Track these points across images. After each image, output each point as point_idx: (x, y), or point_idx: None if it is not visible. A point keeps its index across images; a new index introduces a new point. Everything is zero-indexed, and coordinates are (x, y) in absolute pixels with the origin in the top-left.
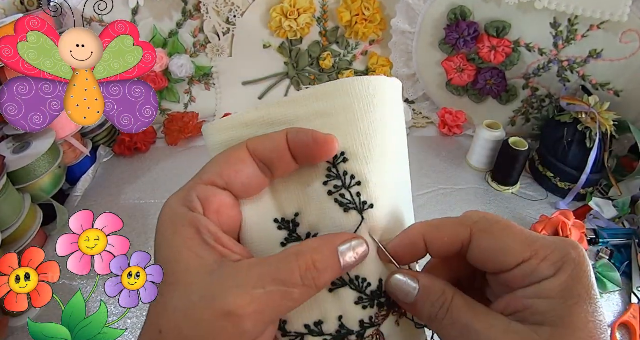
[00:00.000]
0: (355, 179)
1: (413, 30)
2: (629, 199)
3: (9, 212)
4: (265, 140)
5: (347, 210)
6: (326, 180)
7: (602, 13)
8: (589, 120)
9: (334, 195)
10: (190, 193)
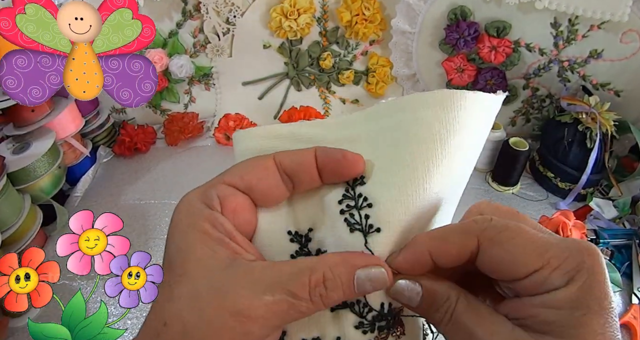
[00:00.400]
0: (367, 201)
1: (413, 30)
2: (630, 199)
3: (9, 212)
4: (293, 154)
5: (353, 230)
6: (341, 199)
7: (602, 13)
8: (590, 120)
9: (344, 214)
10: (210, 191)
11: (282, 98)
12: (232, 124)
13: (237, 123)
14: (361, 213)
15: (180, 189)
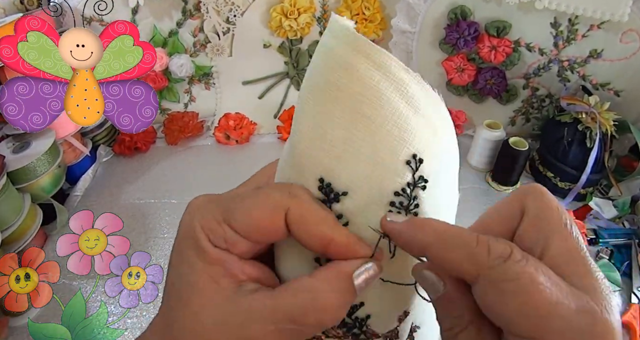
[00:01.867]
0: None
1: (413, 29)
2: (629, 199)
3: (9, 211)
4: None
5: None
6: (399, 192)
7: (602, 13)
8: (589, 120)
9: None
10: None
11: (282, 97)
12: (232, 124)
13: (237, 122)
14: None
15: (180, 188)
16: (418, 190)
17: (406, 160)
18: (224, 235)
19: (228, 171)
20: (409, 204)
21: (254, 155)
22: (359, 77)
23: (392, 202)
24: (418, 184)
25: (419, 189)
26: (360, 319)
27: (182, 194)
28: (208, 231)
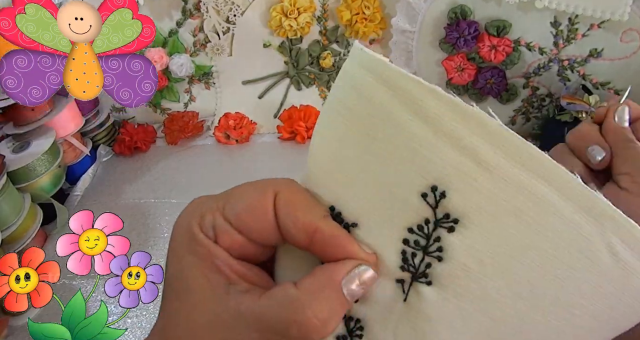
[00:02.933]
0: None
1: (413, 29)
2: None
3: (9, 211)
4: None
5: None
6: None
7: (602, 12)
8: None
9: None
10: (208, 218)
11: (282, 97)
12: (232, 123)
13: (237, 122)
14: (425, 259)
15: (181, 188)
16: (441, 231)
17: (422, 193)
18: (212, 221)
19: (228, 171)
20: (428, 245)
21: (254, 155)
22: (367, 96)
23: (406, 239)
24: (441, 224)
25: (443, 230)
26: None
27: (183, 194)
28: (200, 220)
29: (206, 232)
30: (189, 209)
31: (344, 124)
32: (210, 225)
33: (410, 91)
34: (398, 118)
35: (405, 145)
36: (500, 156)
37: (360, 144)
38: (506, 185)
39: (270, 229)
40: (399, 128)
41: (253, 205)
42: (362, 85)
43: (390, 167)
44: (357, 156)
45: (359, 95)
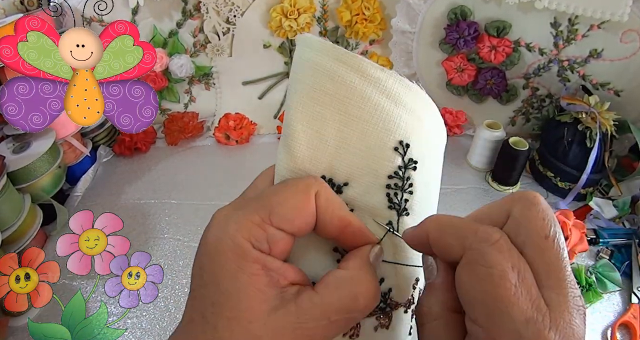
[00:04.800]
0: (411, 187)
1: (413, 29)
2: (629, 199)
3: (9, 212)
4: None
5: (391, 208)
6: (392, 175)
7: (602, 13)
8: (589, 120)
9: (389, 189)
10: (258, 232)
11: (282, 97)
12: (232, 124)
13: (237, 123)
14: (404, 195)
15: (180, 189)
16: (410, 171)
17: (394, 147)
18: (265, 236)
19: (228, 171)
20: (404, 184)
21: (254, 156)
22: (341, 82)
23: (388, 184)
24: (409, 166)
25: (411, 170)
26: (384, 293)
27: (182, 195)
28: (248, 235)
29: (259, 246)
30: (223, 226)
31: (322, 107)
32: (264, 238)
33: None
34: (369, 97)
35: (379, 117)
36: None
37: (341, 120)
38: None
39: (313, 222)
40: (371, 104)
41: (301, 208)
42: (334, 72)
43: (369, 133)
44: (339, 130)
45: (334, 81)
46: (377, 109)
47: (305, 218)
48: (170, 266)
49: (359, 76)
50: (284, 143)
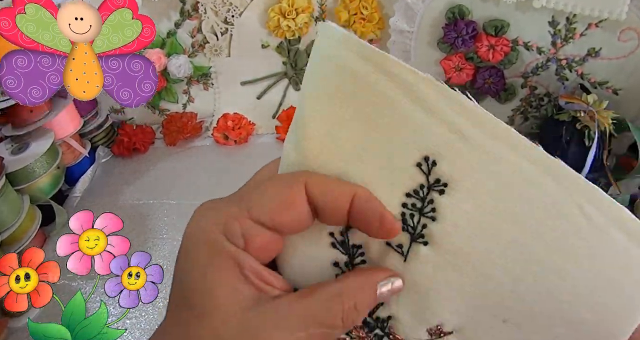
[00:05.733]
0: (434, 212)
1: (411, 29)
2: (628, 198)
3: (8, 213)
4: (326, 193)
5: (404, 229)
6: (410, 194)
7: (600, 11)
8: (588, 118)
9: (405, 208)
10: (234, 225)
11: (281, 97)
12: (231, 124)
13: (236, 123)
14: (422, 219)
15: (179, 189)
16: (434, 194)
17: (417, 163)
18: (240, 228)
19: (227, 171)
20: (423, 207)
21: (252, 156)
22: (366, 83)
23: (404, 203)
24: (434, 187)
25: (435, 193)
26: (382, 320)
27: (181, 195)
28: (223, 228)
29: (234, 240)
30: (202, 217)
31: (341, 108)
32: (239, 232)
33: (407, 79)
34: (395, 101)
35: (404, 125)
36: (477, 131)
37: (360, 124)
38: (483, 154)
39: (303, 218)
40: (397, 111)
41: (286, 201)
42: (358, 71)
43: (391, 143)
44: (357, 135)
45: (357, 81)
46: (403, 116)
47: (289, 212)
48: (169, 266)
49: (386, 77)
50: (295, 144)
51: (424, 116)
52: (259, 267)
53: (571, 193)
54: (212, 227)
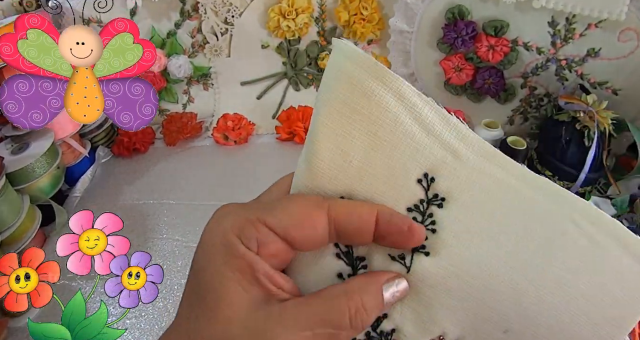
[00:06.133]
0: (434, 224)
1: (411, 29)
2: (628, 198)
3: (8, 213)
4: (351, 214)
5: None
6: (411, 208)
7: (600, 11)
8: (587, 118)
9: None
10: (249, 229)
11: (281, 98)
12: (231, 124)
13: (236, 123)
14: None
15: (179, 189)
16: (433, 208)
17: (418, 179)
18: (256, 234)
19: (227, 172)
20: (423, 220)
21: (252, 156)
22: (377, 102)
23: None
24: (433, 202)
25: (434, 207)
26: (386, 333)
27: (181, 195)
28: (239, 231)
29: (247, 243)
30: (220, 220)
31: (351, 125)
32: (253, 236)
33: (413, 101)
34: (402, 122)
35: (408, 144)
36: (469, 151)
37: (368, 142)
38: (474, 171)
39: (319, 240)
40: (402, 130)
41: (303, 220)
42: (370, 91)
43: (395, 160)
44: (365, 152)
45: (368, 100)
46: (407, 136)
47: (307, 232)
48: (169, 266)
49: (396, 98)
50: (306, 157)
51: (424, 136)
52: (270, 270)
53: (561, 207)
54: (229, 230)
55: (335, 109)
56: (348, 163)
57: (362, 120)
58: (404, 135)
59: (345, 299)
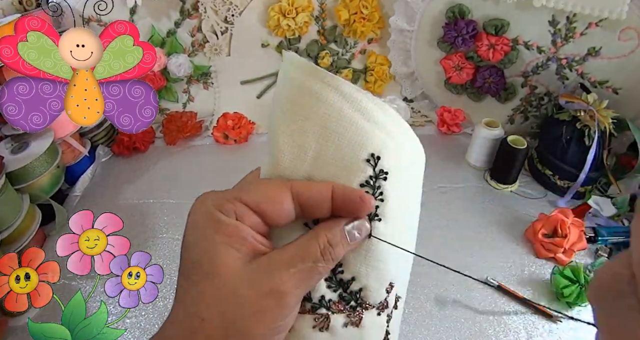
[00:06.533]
0: (382, 195)
1: (411, 28)
2: (628, 197)
3: (8, 212)
4: (311, 190)
5: None
6: (363, 184)
7: (600, 10)
8: (588, 118)
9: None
10: (227, 205)
11: None
12: (231, 123)
13: (236, 122)
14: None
15: (179, 188)
16: (380, 181)
17: (366, 159)
18: (234, 208)
19: (227, 171)
20: (374, 193)
21: (252, 155)
22: (322, 100)
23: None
24: (379, 176)
25: (381, 180)
26: (355, 292)
27: (181, 194)
28: (219, 207)
29: (228, 215)
30: (202, 201)
31: (304, 121)
32: (232, 210)
33: (353, 95)
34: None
35: (354, 132)
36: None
37: (320, 133)
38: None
39: (286, 214)
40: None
41: (272, 196)
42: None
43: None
44: (318, 143)
45: (316, 99)
46: (352, 124)
47: (273, 205)
48: (168, 266)
49: (338, 95)
50: (269, 151)
51: (367, 124)
52: (252, 231)
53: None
54: (211, 206)
55: (288, 109)
56: (304, 153)
57: (312, 116)
58: (349, 124)
59: (315, 238)
